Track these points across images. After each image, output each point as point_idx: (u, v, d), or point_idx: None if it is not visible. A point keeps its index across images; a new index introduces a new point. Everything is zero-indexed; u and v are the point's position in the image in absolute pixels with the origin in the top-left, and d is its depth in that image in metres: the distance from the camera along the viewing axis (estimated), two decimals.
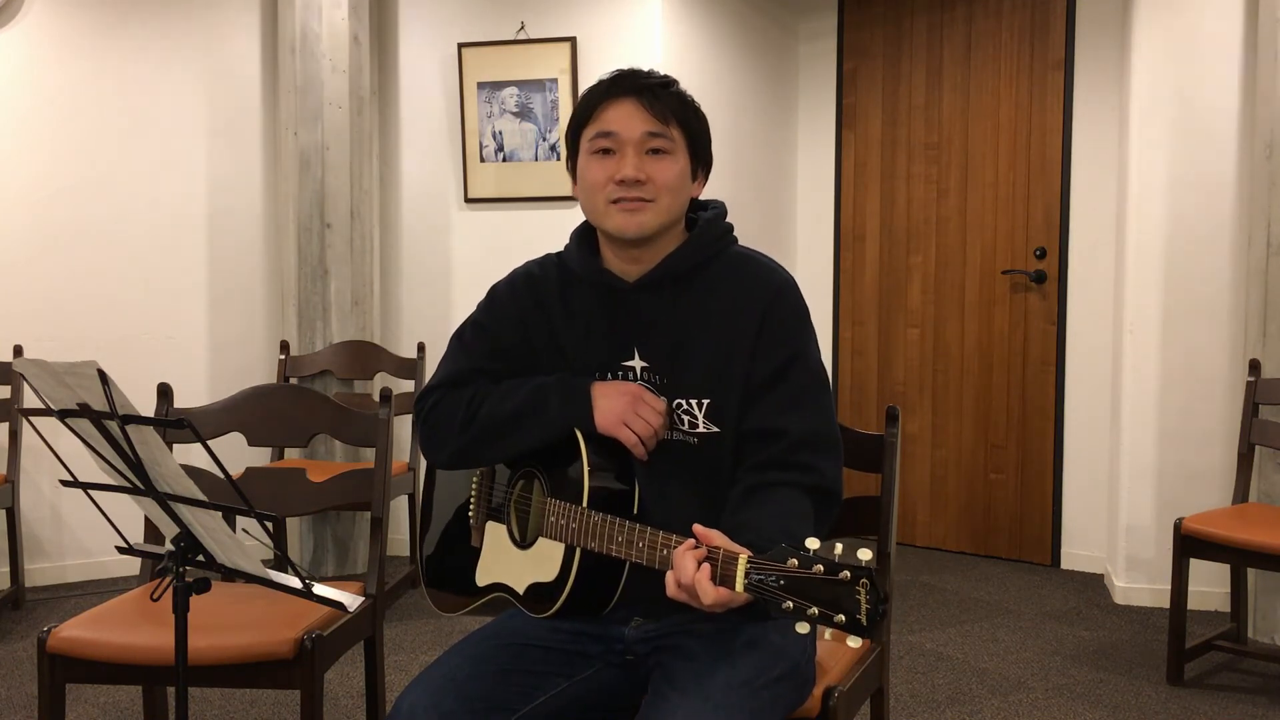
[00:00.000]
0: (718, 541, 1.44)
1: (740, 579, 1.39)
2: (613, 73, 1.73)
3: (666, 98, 1.69)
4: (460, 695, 1.61)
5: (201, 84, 4.44)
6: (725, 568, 1.41)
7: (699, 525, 1.47)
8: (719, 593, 1.41)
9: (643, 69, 1.74)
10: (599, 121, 1.69)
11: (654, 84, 1.70)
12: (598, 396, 1.68)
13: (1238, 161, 3.84)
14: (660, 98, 1.68)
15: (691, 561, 1.43)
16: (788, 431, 1.64)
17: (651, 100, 1.67)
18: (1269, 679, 3.32)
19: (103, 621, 2.20)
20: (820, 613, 1.33)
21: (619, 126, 1.67)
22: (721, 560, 1.41)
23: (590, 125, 1.71)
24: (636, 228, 1.67)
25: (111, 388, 1.47)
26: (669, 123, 1.68)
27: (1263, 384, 3.47)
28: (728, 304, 1.70)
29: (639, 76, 1.71)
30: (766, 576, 1.37)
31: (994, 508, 4.67)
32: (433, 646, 3.53)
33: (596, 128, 1.69)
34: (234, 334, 4.54)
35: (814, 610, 1.34)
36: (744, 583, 1.38)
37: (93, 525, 4.18)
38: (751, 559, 1.39)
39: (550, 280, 1.79)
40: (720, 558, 1.42)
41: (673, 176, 1.68)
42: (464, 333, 1.84)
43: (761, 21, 4.94)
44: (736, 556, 1.40)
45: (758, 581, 1.38)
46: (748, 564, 1.39)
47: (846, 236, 5.01)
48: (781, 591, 1.36)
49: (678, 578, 1.44)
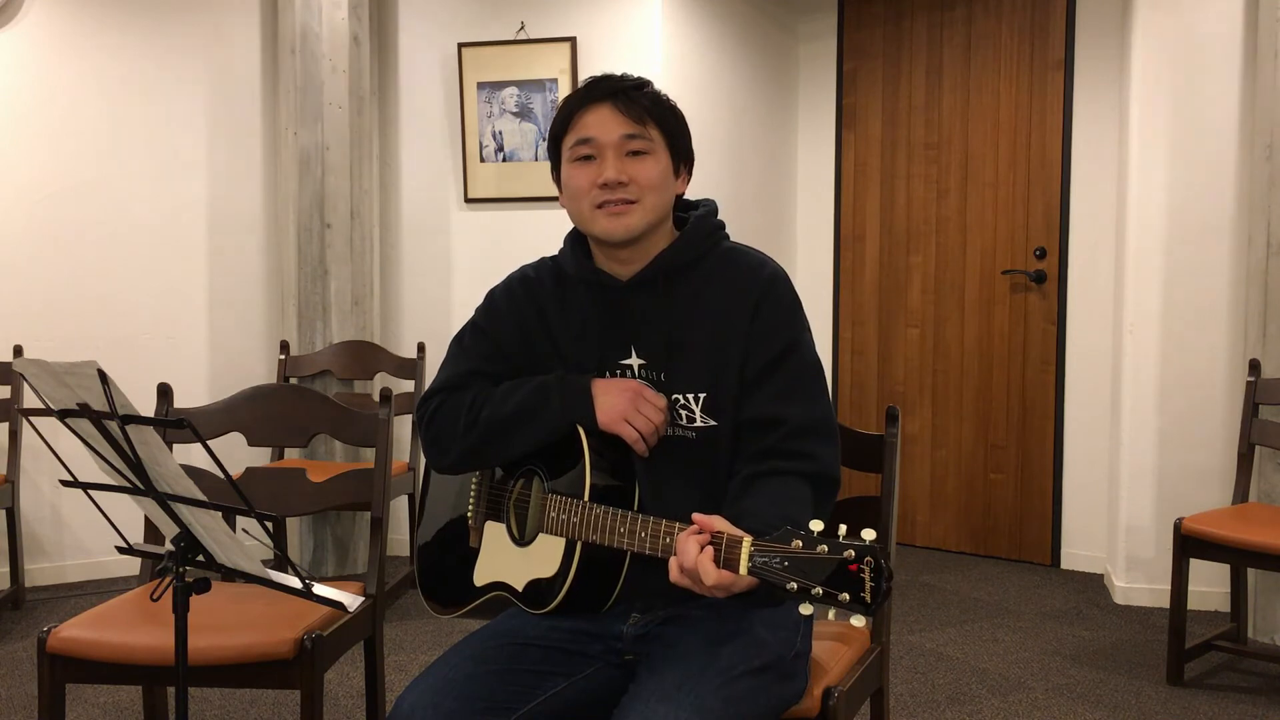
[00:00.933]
0: (720, 526, 1.45)
1: (745, 562, 1.39)
2: (586, 80, 1.75)
3: (641, 99, 1.71)
4: (460, 695, 1.61)
5: (201, 84, 4.44)
6: (729, 551, 1.41)
7: (699, 513, 1.48)
8: (721, 575, 1.41)
9: (615, 73, 1.75)
10: (577, 129, 1.71)
11: (627, 86, 1.71)
12: (599, 393, 1.69)
13: (1238, 161, 3.84)
14: (635, 99, 1.70)
15: (694, 545, 1.44)
16: (785, 420, 1.65)
17: (626, 103, 1.69)
18: (1269, 679, 3.32)
19: (103, 621, 2.20)
20: (825, 592, 1.34)
21: (596, 131, 1.69)
22: (725, 544, 1.42)
23: (569, 134, 1.73)
24: (624, 230, 1.69)
25: (111, 388, 1.47)
26: (645, 123, 1.70)
27: (1263, 384, 3.48)
28: (720, 298, 1.71)
29: (612, 81, 1.73)
30: (771, 559, 1.38)
31: (994, 508, 4.67)
32: (433, 646, 3.53)
33: (575, 135, 1.71)
34: (234, 334, 4.54)
35: (819, 590, 1.34)
36: (748, 565, 1.39)
37: (93, 525, 4.19)
38: (755, 542, 1.40)
39: (546, 282, 1.81)
40: (724, 542, 1.42)
41: (655, 175, 1.70)
42: (463, 336, 1.86)
43: (761, 21, 4.94)
44: (740, 540, 1.41)
45: (762, 564, 1.38)
46: (752, 547, 1.39)
47: (846, 236, 5.01)
48: (786, 573, 1.36)
49: (680, 562, 1.45)
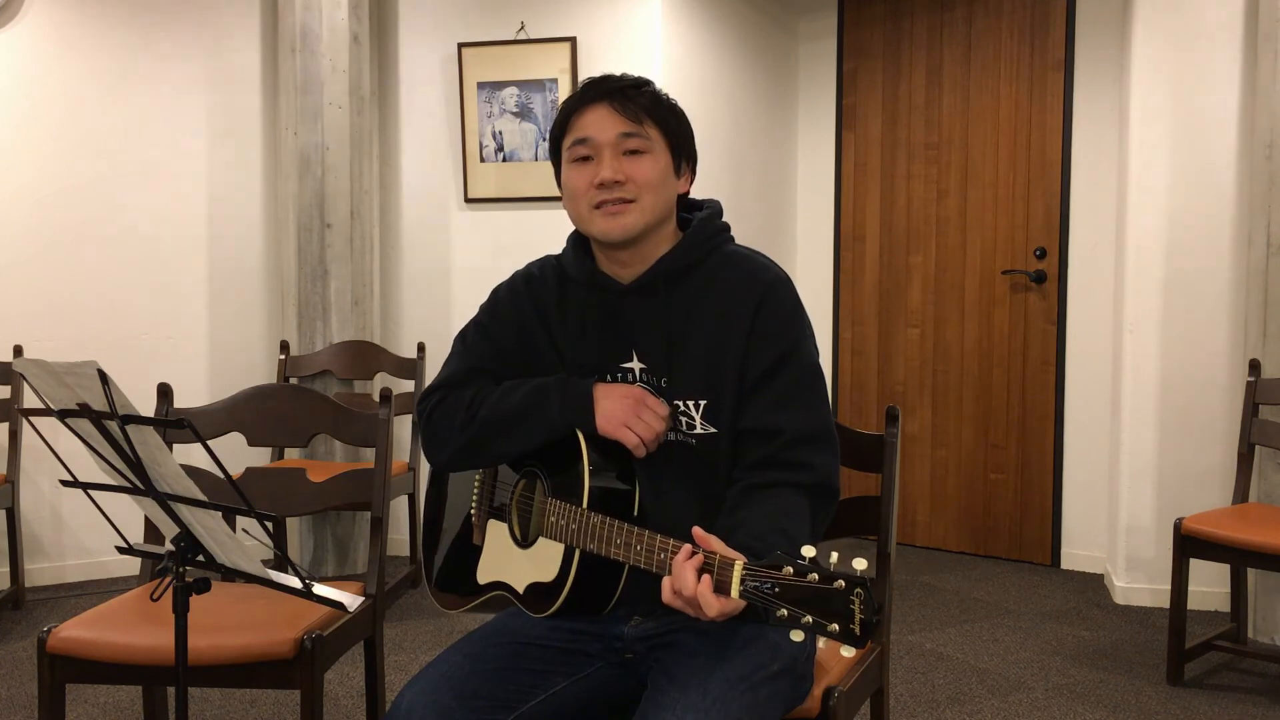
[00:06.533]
0: (714, 546, 1.44)
1: (736, 585, 1.38)
2: (585, 80, 1.75)
3: (638, 98, 1.70)
4: (459, 693, 1.61)
5: (201, 84, 4.44)
6: (721, 573, 1.40)
7: (698, 528, 1.46)
8: (723, 603, 1.40)
9: (615, 73, 1.75)
10: (575, 130, 1.71)
11: (625, 86, 1.71)
12: (600, 398, 1.67)
13: (1238, 161, 3.84)
14: (632, 98, 1.69)
15: (691, 573, 1.42)
16: (783, 430, 1.63)
17: (623, 102, 1.68)
18: (1269, 679, 3.32)
19: (103, 621, 2.20)
20: (814, 621, 1.33)
21: (593, 131, 1.69)
22: (718, 566, 1.41)
23: (567, 135, 1.72)
24: (621, 230, 1.67)
25: (111, 388, 1.47)
26: (643, 122, 1.68)
27: (1263, 384, 3.47)
28: (720, 303, 1.69)
29: (609, 81, 1.72)
30: (761, 584, 1.36)
31: (994, 508, 4.67)
32: (433, 646, 3.53)
33: (573, 136, 1.71)
34: (234, 334, 4.54)
35: (808, 619, 1.33)
36: (739, 589, 1.38)
37: (93, 525, 4.19)
38: (747, 566, 1.39)
39: (549, 282, 1.80)
40: (716, 563, 1.41)
41: (653, 174, 1.68)
42: (467, 334, 1.85)
43: (761, 21, 4.94)
44: (732, 563, 1.40)
45: (753, 589, 1.37)
46: (743, 570, 1.38)
47: (846, 236, 5.01)
48: (776, 599, 1.35)
49: (677, 588, 1.43)
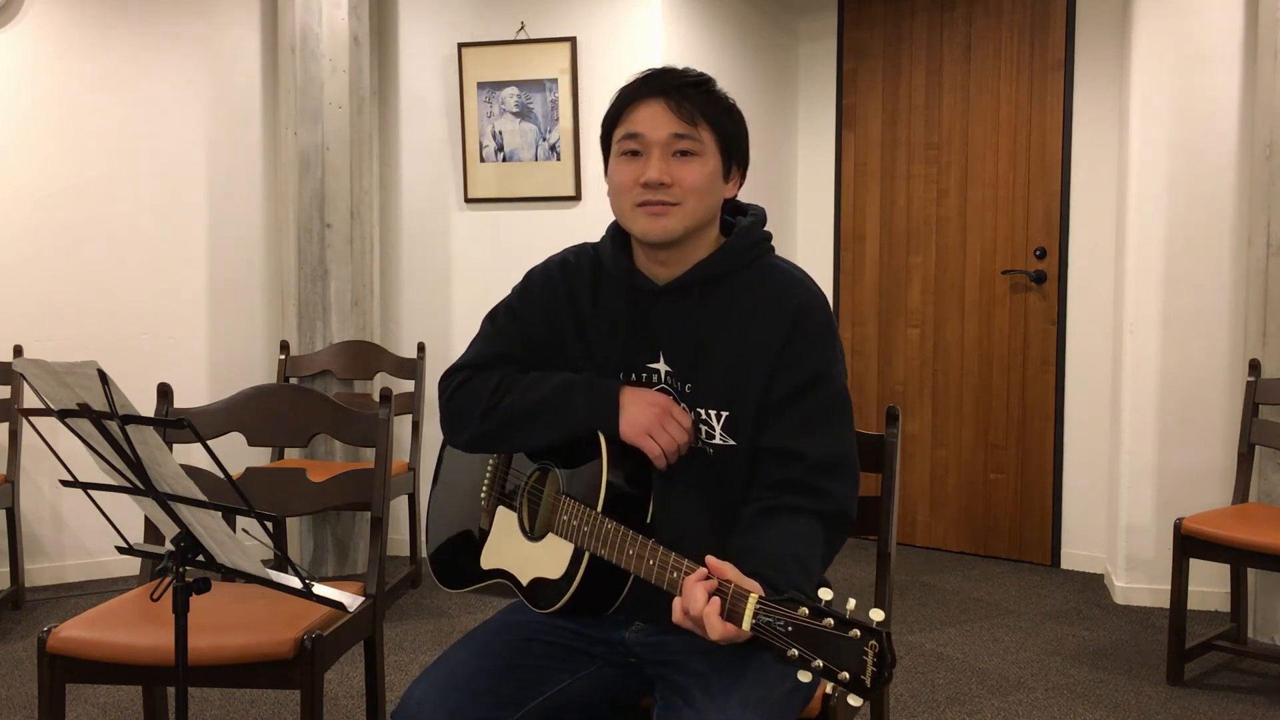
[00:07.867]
0: (730, 575, 1.40)
1: (748, 618, 1.35)
2: (644, 71, 1.69)
3: (695, 98, 1.64)
4: (466, 690, 1.61)
5: (201, 84, 4.44)
6: (734, 603, 1.37)
7: (712, 557, 1.43)
8: (727, 628, 1.37)
9: (677, 68, 1.69)
10: (627, 123, 1.66)
11: (683, 84, 1.65)
12: (626, 403, 1.64)
13: (1238, 161, 3.84)
14: (689, 97, 1.63)
15: (702, 593, 1.39)
16: (805, 454, 1.59)
17: (679, 101, 1.63)
18: (1269, 679, 3.32)
19: (103, 621, 2.20)
20: (825, 667, 1.30)
21: (645, 128, 1.63)
22: (731, 595, 1.38)
23: (619, 126, 1.67)
24: (661, 232, 1.63)
25: (111, 388, 1.47)
26: (697, 124, 1.63)
27: (1263, 384, 3.47)
28: (753, 315, 1.65)
29: (669, 76, 1.66)
30: (775, 620, 1.34)
31: (994, 508, 4.67)
32: (433, 646, 3.53)
33: (624, 129, 1.66)
34: (234, 334, 4.54)
35: (819, 663, 1.31)
36: (751, 622, 1.35)
37: (93, 525, 4.19)
38: (761, 600, 1.36)
39: (584, 272, 1.75)
40: (730, 592, 1.38)
41: (700, 179, 1.63)
42: (497, 315, 1.81)
43: (761, 21, 4.94)
44: (747, 595, 1.36)
45: (765, 624, 1.34)
46: (757, 604, 1.35)
47: (846, 236, 5.01)
48: (788, 638, 1.32)
49: (686, 606, 1.41)
